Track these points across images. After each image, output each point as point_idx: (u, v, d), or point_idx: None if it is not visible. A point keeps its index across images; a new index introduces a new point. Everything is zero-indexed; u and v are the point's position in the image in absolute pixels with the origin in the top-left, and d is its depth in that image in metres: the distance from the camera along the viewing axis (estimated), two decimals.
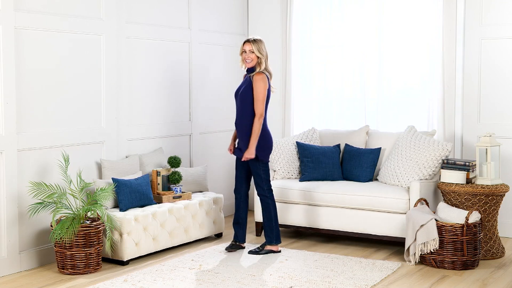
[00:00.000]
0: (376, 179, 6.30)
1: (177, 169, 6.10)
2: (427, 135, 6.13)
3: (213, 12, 7.18)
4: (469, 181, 5.62)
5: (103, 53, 5.81)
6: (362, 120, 6.96)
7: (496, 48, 6.27)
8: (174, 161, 6.04)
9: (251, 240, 6.18)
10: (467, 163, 5.59)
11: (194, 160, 6.88)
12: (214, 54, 7.18)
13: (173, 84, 6.64)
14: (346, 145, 6.46)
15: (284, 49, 7.35)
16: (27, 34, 5.20)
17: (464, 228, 5.17)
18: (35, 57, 5.27)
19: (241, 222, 5.81)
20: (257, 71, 5.56)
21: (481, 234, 5.32)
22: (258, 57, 5.57)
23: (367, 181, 6.18)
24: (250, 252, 5.68)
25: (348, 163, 6.34)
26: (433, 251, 5.26)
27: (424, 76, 6.66)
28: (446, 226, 5.21)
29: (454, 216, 5.33)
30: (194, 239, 6.03)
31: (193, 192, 6.36)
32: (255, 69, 5.59)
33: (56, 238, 5.00)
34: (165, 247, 5.72)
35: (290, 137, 6.63)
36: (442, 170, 5.68)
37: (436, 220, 5.29)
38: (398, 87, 6.86)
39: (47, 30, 5.34)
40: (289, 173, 6.46)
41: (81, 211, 5.13)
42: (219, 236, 6.34)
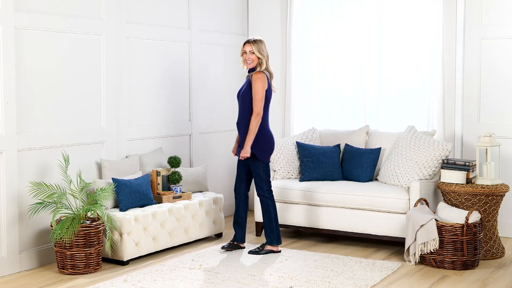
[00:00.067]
0: (376, 179, 6.30)
1: (177, 169, 6.10)
2: (427, 135, 6.13)
3: (213, 12, 7.18)
4: (469, 181, 5.62)
5: (103, 53, 5.81)
6: (362, 120, 6.96)
7: (496, 48, 6.27)
8: (174, 161, 6.04)
9: (251, 240, 6.18)
10: (467, 163, 5.58)
11: (194, 160, 6.88)
12: (214, 54, 7.18)
13: (173, 84, 6.64)
14: (346, 145, 6.46)
15: (284, 49, 7.34)
16: (27, 34, 5.20)
17: (464, 228, 5.17)
18: (35, 57, 5.27)
19: (240, 222, 5.81)
20: (256, 71, 5.57)
21: (481, 234, 5.32)
22: (259, 58, 5.57)
23: (367, 181, 6.18)
24: (250, 252, 5.68)
25: (348, 163, 6.34)
26: (433, 251, 5.26)
27: (424, 76, 6.66)
28: (446, 226, 5.21)
29: (454, 216, 5.32)
30: (194, 239, 6.03)
31: (193, 192, 6.36)
32: (256, 70, 5.59)
33: (56, 238, 5.00)
34: (165, 247, 5.72)
35: (290, 137, 6.62)
36: (442, 170, 5.68)
37: (436, 220, 5.29)
38: (398, 87, 6.86)
39: (47, 30, 5.34)
40: (289, 173, 6.46)
41: (81, 211, 5.13)
42: (219, 236, 6.34)
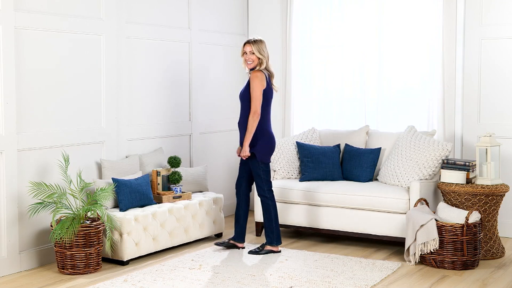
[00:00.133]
0: (376, 179, 6.30)
1: (177, 169, 6.10)
2: (427, 135, 6.13)
3: (213, 12, 7.18)
4: (469, 181, 5.62)
5: (103, 53, 5.81)
6: (362, 120, 6.96)
7: (496, 48, 6.27)
8: (174, 161, 6.04)
9: (251, 240, 6.17)
10: (467, 163, 5.58)
11: (194, 160, 6.88)
12: (214, 54, 7.18)
13: (173, 84, 6.64)
14: (346, 145, 6.46)
15: (284, 49, 7.34)
16: (27, 34, 5.20)
17: (464, 228, 5.17)
18: (35, 57, 5.27)
19: (239, 221, 5.80)
20: (255, 70, 5.57)
21: (481, 234, 5.32)
22: (259, 58, 5.57)
23: (367, 181, 6.18)
24: (250, 252, 5.68)
25: (348, 163, 6.34)
26: (433, 251, 5.26)
27: (424, 76, 6.66)
28: (446, 226, 5.21)
29: (454, 216, 5.32)
30: (194, 239, 6.03)
31: (193, 192, 6.36)
32: (255, 69, 5.59)
33: (56, 238, 5.00)
34: (165, 247, 5.72)
35: (290, 137, 6.62)
36: (442, 170, 5.68)
37: (436, 220, 5.29)
38: (398, 87, 6.86)
39: (47, 30, 5.34)
40: (289, 173, 6.46)
41: (81, 211, 5.13)
42: (219, 236, 6.34)
